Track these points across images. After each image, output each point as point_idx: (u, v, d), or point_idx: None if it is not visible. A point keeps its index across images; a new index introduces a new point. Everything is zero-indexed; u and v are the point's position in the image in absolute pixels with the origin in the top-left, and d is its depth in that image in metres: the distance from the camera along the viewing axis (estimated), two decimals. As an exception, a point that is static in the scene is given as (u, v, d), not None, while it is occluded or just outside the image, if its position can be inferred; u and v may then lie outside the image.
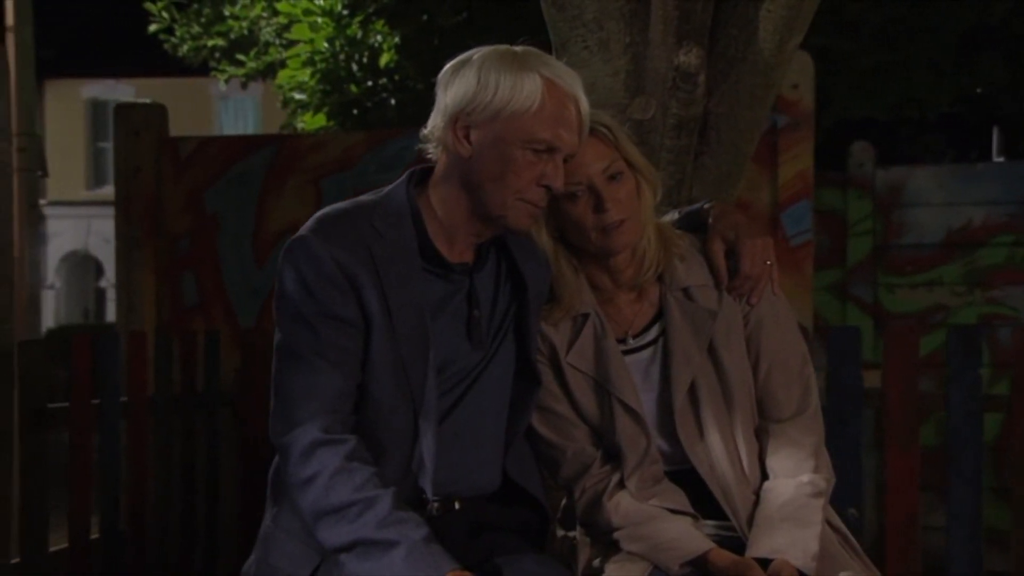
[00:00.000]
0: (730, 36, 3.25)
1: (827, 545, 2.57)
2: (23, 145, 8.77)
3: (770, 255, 2.67)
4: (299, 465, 2.32)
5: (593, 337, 2.62)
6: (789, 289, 4.93)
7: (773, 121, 5.08)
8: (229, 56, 9.99)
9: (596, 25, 3.16)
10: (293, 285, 2.39)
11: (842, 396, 4.03)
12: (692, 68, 3.12)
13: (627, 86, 3.18)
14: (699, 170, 3.28)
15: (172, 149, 5.48)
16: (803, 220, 5.05)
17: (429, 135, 2.48)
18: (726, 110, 3.27)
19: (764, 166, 5.09)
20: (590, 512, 2.62)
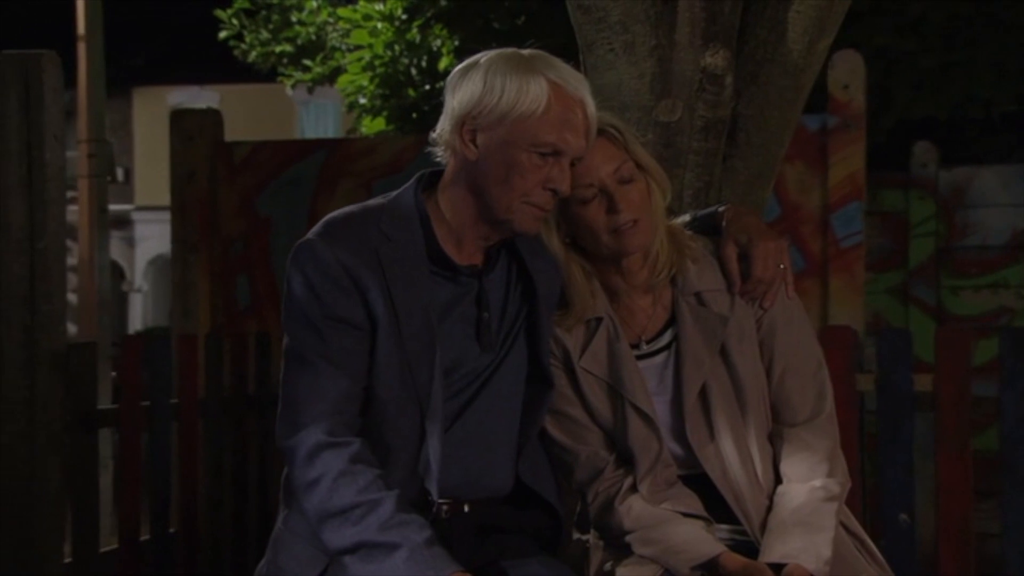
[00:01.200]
0: (759, 37, 3.24)
1: (842, 550, 2.55)
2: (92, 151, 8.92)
3: (783, 258, 2.65)
4: (303, 468, 2.34)
5: (606, 341, 2.62)
6: (839, 291, 4.92)
7: (823, 122, 5.05)
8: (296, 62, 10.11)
9: (621, 27, 3.16)
10: (299, 288, 2.41)
11: (893, 400, 3.99)
12: (719, 70, 3.11)
13: (653, 88, 3.17)
14: (728, 172, 3.27)
15: (226, 154, 5.55)
16: (853, 222, 5.02)
17: (438, 139, 2.50)
18: (755, 112, 3.26)
19: (814, 168, 5.07)
20: (603, 516, 2.62)
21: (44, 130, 4.31)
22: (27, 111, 4.31)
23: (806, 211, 5.06)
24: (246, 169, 5.54)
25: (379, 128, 8.63)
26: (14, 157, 4.29)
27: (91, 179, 8.81)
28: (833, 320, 4.90)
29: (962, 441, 3.90)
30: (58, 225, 4.37)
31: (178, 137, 5.44)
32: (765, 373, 2.65)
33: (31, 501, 4.22)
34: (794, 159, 5.08)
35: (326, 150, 5.61)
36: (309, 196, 5.47)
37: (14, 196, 4.29)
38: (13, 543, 4.22)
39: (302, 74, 10.07)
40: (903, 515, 3.99)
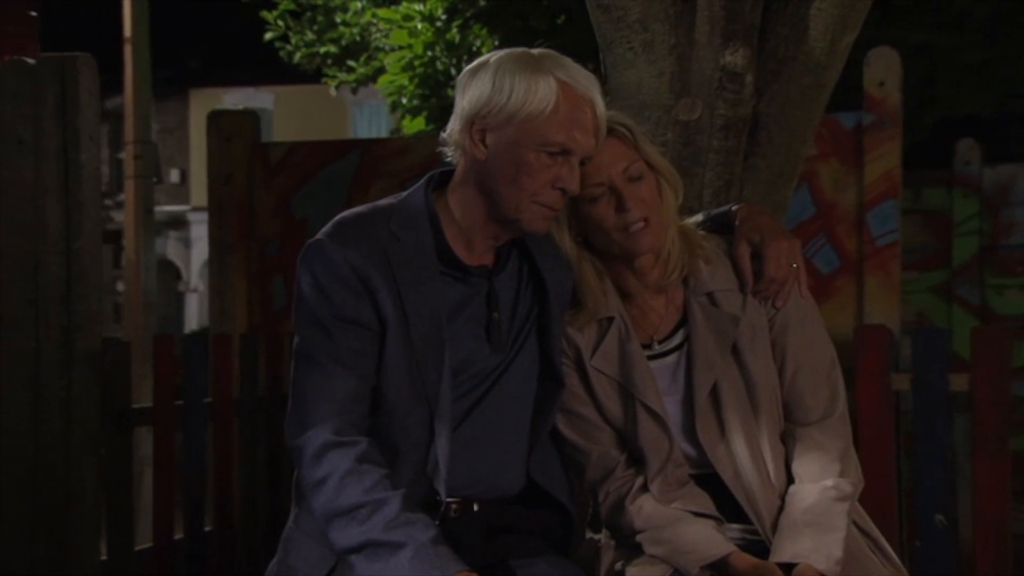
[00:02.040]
0: (780, 35, 3.22)
1: (854, 550, 2.54)
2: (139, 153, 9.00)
3: (796, 257, 2.64)
4: (311, 467, 2.35)
5: (618, 340, 2.62)
6: (875, 290, 4.88)
7: (859, 120, 5.01)
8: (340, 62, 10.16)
9: (640, 26, 3.16)
10: (309, 289, 2.43)
11: (928, 400, 3.97)
12: (739, 68, 3.10)
13: (672, 87, 3.17)
14: (750, 171, 3.26)
15: (263, 155, 5.58)
16: (889, 220, 4.98)
17: (448, 139, 2.51)
18: (777, 110, 3.24)
19: (849, 166, 5.03)
20: (613, 515, 2.62)
21: (80, 132, 4.37)
22: (63, 113, 4.37)
23: (841, 209, 5.02)
24: (282, 170, 5.57)
25: (419, 128, 8.65)
26: (51, 159, 4.34)
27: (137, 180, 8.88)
28: (869, 319, 4.86)
29: (1000, 442, 3.87)
30: (93, 226, 4.41)
31: (215, 138, 5.48)
32: (778, 373, 2.64)
33: (68, 499, 4.27)
34: (829, 157, 5.05)
35: (360, 150, 5.63)
36: (344, 196, 5.49)
37: (51, 197, 4.34)
38: (50, 541, 4.27)
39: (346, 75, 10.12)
40: (939, 516, 3.97)
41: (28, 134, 4.37)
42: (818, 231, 5.05)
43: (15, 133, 4.39)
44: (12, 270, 4.37)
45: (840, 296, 5.00)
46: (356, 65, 9.99)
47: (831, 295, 4.98)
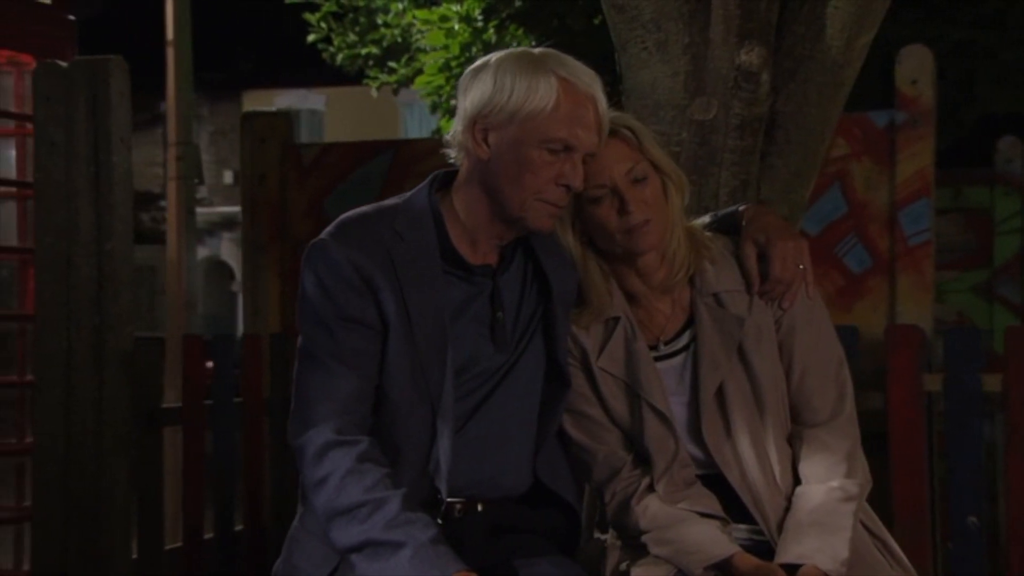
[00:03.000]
0: (797, 34, 3.21)
1: (862, 551, 2.53)
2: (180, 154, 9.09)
3: (803, 258, 2.63)
4: (312, 466, 2.37)
5: (624, 340, 2.62)
6: (907, 290, 4.85)
7: (891, 119, 4.98)
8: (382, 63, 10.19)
9: (654, 26, 3.16)
10: (312, 288, 2.44)
11: (961, 401, 3.93)
12: (754, 67, 3.10)
13: (687, 87, 3.17)
14: (767, 171, 3.25)
15: (295, 156, 5.61)
16: (922, 219, 4.93)
17: (451, 140, 2.52)
18: (794, 109, 3.23)
19: (882, 164, 4.99)
20: (619, 515, 2.62)
21: (111, 134, 4.41)
22: (95, 115, 4.41)
23: (873, 208, 4.98)
24: (315, 171, 5.59)
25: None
26: (82, 161, 4.39)
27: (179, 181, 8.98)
28: (901, 319, 4.82)
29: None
30: (124, 227, 4.45)
31: (249, 140, 5.52)
32: (785, 374, 2.63)
33: (99, 498, 4.31)
34: (861, 156, 5.02)
35: (392, 151, 5.64)
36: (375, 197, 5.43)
37: (82, 199, 4.39)
38: (82, 539, 4.32)
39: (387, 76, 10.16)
40: (972, 517, 3.93)
41: (60, 136, 4.42)
42: (850, 230, 5.01)
43: (48, 135, 4.44)
44: (45, 271, 4.43)
45: (872, 296, 4.96)
46: (397, 66, 10.02)
47: (863, 295, 4.95)
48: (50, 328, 4.41)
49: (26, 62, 5.42)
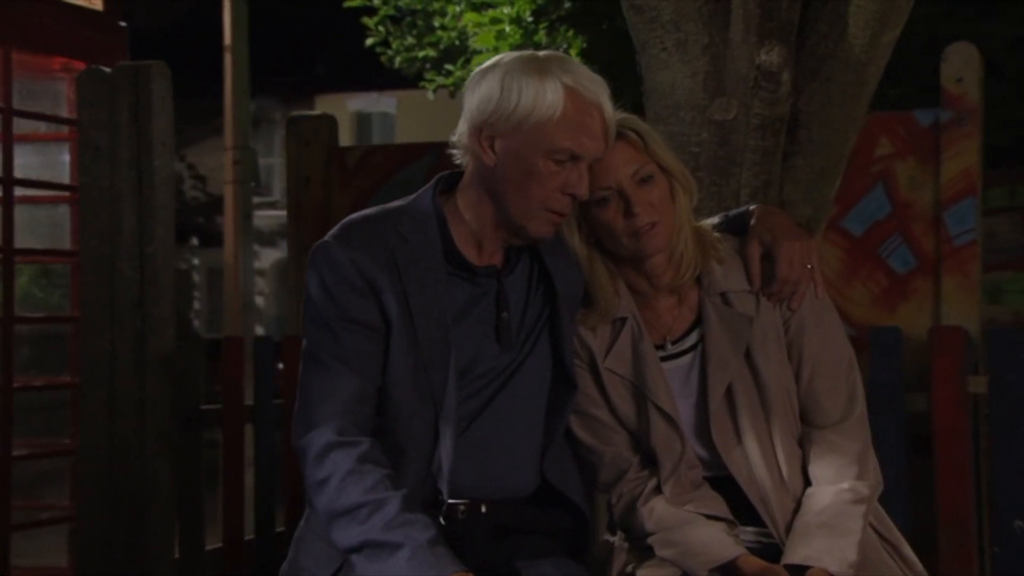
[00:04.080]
0: (819, 33, 3.19)
1: (870, 553, 2.51)
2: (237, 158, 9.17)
3: (810, 257, 2.60)
4: (314, 467, 2.38)
5: (631, 341, 2.61)
6: (952, 291, 4.78)
7: (935, 117, 4.91)
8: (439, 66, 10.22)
9: (673, 26, 3.15)
10: (315, 290, 2.46)
11: (1006, 403, 3.89)
12: (775, 67, 3.08)
13: (707, 87, 3.15)
14: (790, 171, 3.23)
15: (340, 158, 5.63)
16: (967, 219, 4.85)
17: (457, 142, 2.53)
18: (817, 109, 3.21)
19: (926, 164, 4.92)
20: (626, 517, 2.61)
21: (153, 138, 4.47)
22: (137, 120, 4.47)
23: (918, 208, 4.91)
24: (359, 173, 5.60)
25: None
26: (126, 165, 4.45)
27: (235, 185, 9.08)
28: (946, 320, 4.76)
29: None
30: (166, 231, 4.51)
31: (294, 143, 5.54)
32: (794, 375, 2.62)
33: (142, 498, 4.37)
34: (906, 155, 4.95)
35: (435, 153, 5.63)
36: (419, 200, 5.51)
37: (125, 203, 4.45)
38: (126, 539, 4.37)
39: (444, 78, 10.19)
40: (1018, 522, 3.89)
41: (104, 141, 4.48)
42: (894, 230, 4.94)
43: (92, 140, 4.51)
44: (89, 274, 4.49)
45: (917, 297, 4.89)
46: (454, 69, 10.05)
47: (908, 296, 4.88)
48: (94, 330, 4.47)
49: (79, 68, 5.49)
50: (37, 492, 6.04)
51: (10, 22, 5.22)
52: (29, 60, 5.50)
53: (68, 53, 5.60)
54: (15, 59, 5.27)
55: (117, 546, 4.39)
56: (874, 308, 4.87)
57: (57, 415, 5.87)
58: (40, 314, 5.95)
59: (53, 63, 5.72)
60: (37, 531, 5.71)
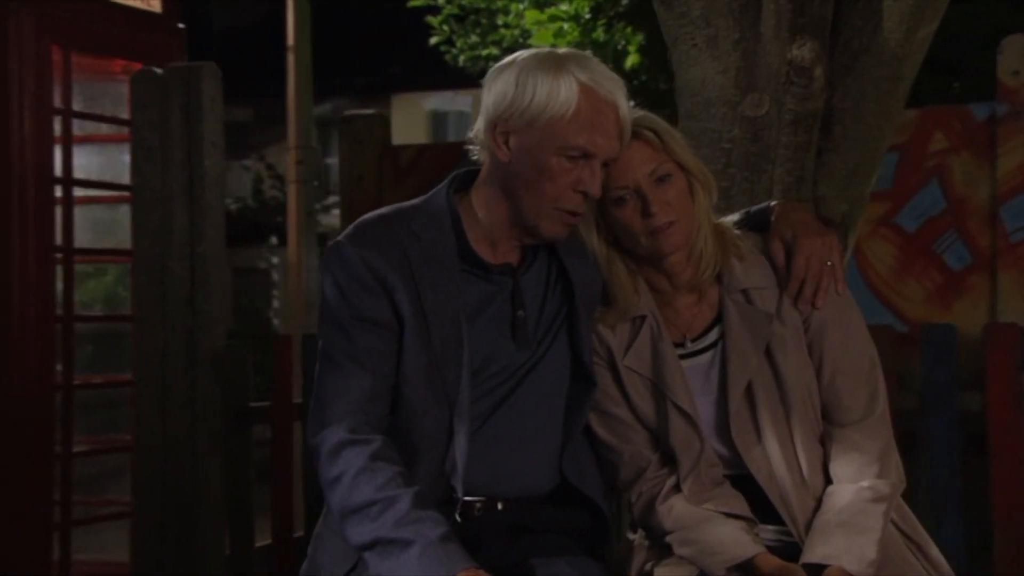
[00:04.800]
0: (854, 27, 3.16)
1: (893, 553, 2.48)
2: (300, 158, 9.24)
3: (831, 254, 2.58)
4: (327, 465, 2.40)
5: (650, 339, 2.60)
6: (1009, 287, 4.71)
7: (992, 111, 4.84)
8: (501, 64, 10.16)
9: (704, 22, 3.13)
10: (329, 290, 2.48)
11: (1063, 401, 3.83)
12: (806, 62, 3.05)
13: (738, 83, 3.14)
14: (824, 167, 3.20)
15: (393, 157, 5.65)
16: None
17: (475, 137, 2.53)
18: (851, 104, 3.18)
19: (982, 158, 4.84)
20: (645, 515, 2.60)
21: (203, 138, 4.51)
22: (188, 121, 4.52)
23: (973, 204, 4.83)
24: (412, 172, 5.61)
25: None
26: (176, 165, 4.50)
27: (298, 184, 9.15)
28: (1003, 318, 4.68)
29: None
30: (216, 230, 4.56)
31: (347, 142, 5.57)
32: (816, 373, 2.59)
33: (194, 495, 4.42)
34: (960, 150, 4.87)
35: (478, 152, 5.66)
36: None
37: (176, 202, 4.51)
38: (179, 535, 4.43)
39: (506, 77, 10.14)
40: None
41: (156, 141, 4.53)
42: (949, 226, 4.87)
43: (144, 141, 4.57)
44: (142, 273, 4.55)
45: (972, 294, 4.82)
46: (518, 67, 9.95)
47: (963, 293, 4.81)
48: (147, 328, 4.54)
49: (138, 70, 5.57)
50: (100, 488, 6.13)
51: (69, 26, 5.29)
52: (89, 63, 5.58)
53: (127, 55, 5.68)
54: (75, 62, 5.35)
55: (170, 542, 4.45)
56: (928, 305, 4.81)
57: (119, 412, 5.96)
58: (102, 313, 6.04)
59: (113, 65, 5.80)
60: (100, 526, 5.79)
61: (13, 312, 5.08)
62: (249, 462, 4.56)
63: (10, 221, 5.08)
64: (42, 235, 5.16)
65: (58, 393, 5.25)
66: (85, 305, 5.92)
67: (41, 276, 5.16)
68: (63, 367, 5.24)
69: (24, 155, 5.11)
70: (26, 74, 5.13)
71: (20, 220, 5.10)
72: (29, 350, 5.11)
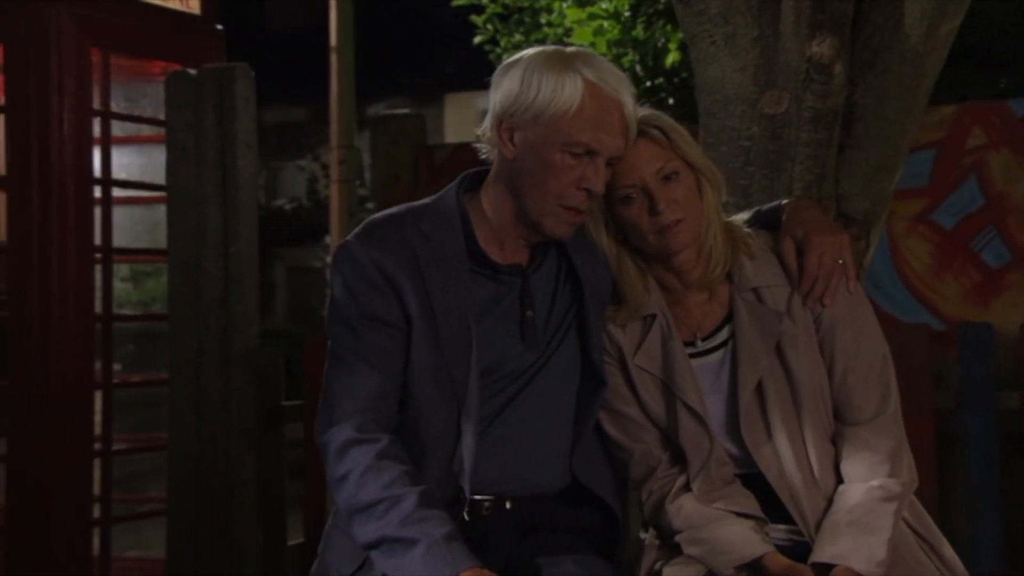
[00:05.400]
0: (875, 24, 3.13)
1: (904, 553, 2.47)
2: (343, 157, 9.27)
3: (843, 253, 2.56)
4: (334, 464, 2.41)
5: (660, 338, 2.59)
6: (1050, 289, 4.66)
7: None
8: (546, 63, 10.14)
9: (722, 19, 3.11)
10: (338, 289, 2.48)
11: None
12: (826, 59, 3.03)
13: (757, 80, 3.11)
14: (846, 164, 3.17)
15: (428, 156, 5.67)
16: (1065, 211, 4.74)
17: (483, 136, 2.53)
18: (873, 101, 3.15)
19: (1021, 155, 4.81)
20: (655, 514, 2.60)
21: (236, 138, 4.54)
22: (222, 121, 4.55)
23: (1013, 200, 4.80)
24: (447, 171, 5.62)
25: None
26: (210, 165, 4.53)
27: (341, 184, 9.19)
28: (1042, 315, 4.65)
29: None
30: (249, 230, 4.57)
31: (382, 141, 5.60)
32: (827, 372, 2.58)
33: (229, 493, 4.44)
34: (1000, 146, 4.84)
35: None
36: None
37: (210, 203, 4.53)
38: (213, 533, 4.46)
39: (550, 75, 10.13)
40: None
41: (190, 142, 4.56)
42: (987, 223, 4.85)
43: (179, 141, 4.60)
44: (177, 273, 4.58)
45: (1011, 292, 4.79)
46: (561, 65, 9.93)
47: (1001, 291, 4.78)
48: (182, 328, 4.56)
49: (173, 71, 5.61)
50: (142, 486, 6.19)
51: (108, 28, 5.33)
52: (129, 64, 5.61)
53: (166, 57, 5.70)
54: (114, 63, 5.38)
55: (204, 540, 4.47)
56: (966, 303, 4.78)
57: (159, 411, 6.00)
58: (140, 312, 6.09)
59: (153, 67, 5.83)
60: (140, 523, 5.84)
61: (53, 312, 5.12)
62: (282, 461, 4.58)
63: (50, 222, 5.11)
64: (81, 235, 5.19)
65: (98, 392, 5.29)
66: (144, 304, 5.97)
67: (80, 276, 5.20)
68: (102, 366, 5.28)
69: (64, 156, 5.14)
70: (66, 76, 5.16)
71: (60, 220, 5.13)
72: (69, 349, 5.15)
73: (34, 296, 5.05)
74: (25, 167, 5.05)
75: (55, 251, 5.12)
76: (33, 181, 5.05)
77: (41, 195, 5.11)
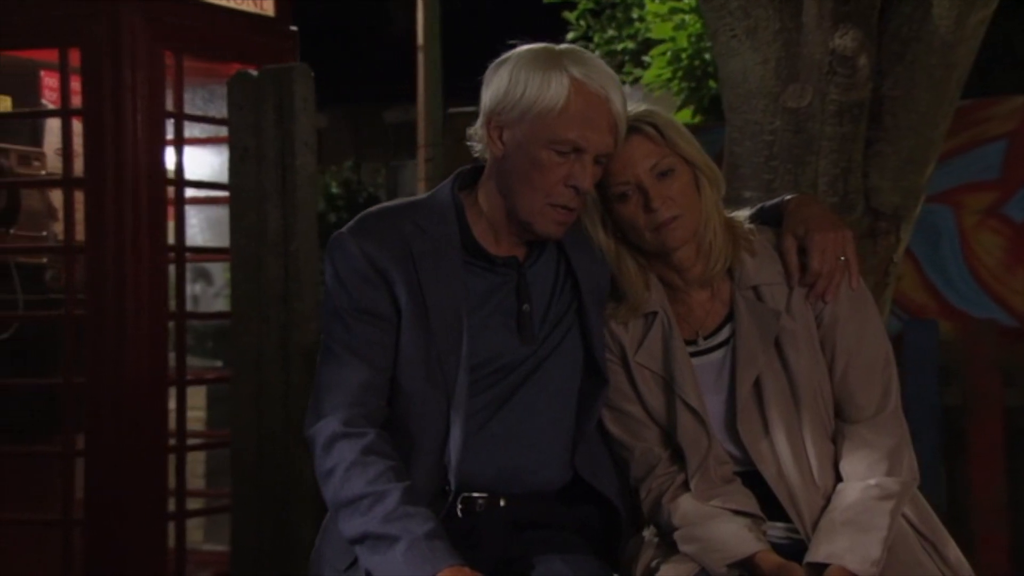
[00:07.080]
0: (903, 15, 3.08)
1: (903, 552, 2.42)
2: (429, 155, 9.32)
3: (845, 249, 2.51)
4: (321, 458, 2.41)
5: (661, 336, 2.57)
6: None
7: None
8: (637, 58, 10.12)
9: (743, 13, 3.07)
10: (330, 281, 2.50)
11: None
12: (849, 51, 2.98)
13: (779, 74, 3.07)
14: (875, 158, 3.12)
15: (495, 154, 5.67)
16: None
17: (473, 134, 2.53)
18: (902, 93, 3.09)
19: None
20: (654, 512, 2.57)
21: (295, 138, 4.58)
22: (281, 121, 4.60)
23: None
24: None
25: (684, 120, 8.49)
26: (271, 165, 4.58)
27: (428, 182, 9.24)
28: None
29: None
30: (309, 228, 4.62)
31: (450, 138, 5.60)
32: (828, 368, 2.54)
33: (289, 489, 4.49)
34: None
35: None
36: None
37: (270, 202, 4.58)
38: (274, 528, 4.51)
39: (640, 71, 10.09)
40: None
41: (251, 142, 4.62)
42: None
43: (241, 142, 4.65)
44: (239, 271, 4.64)
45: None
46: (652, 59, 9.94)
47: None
48: (243, 325, 4.61)
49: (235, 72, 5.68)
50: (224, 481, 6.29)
51: (181, 31, 5.42)
52: (202, 66, 5.70)
53: (240, 59, 5.76)
54: (188, 66, 5.47)
55: (266, 536, 4.52)
56: (1038, 299, 4.65)
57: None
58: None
59: (228, 68, 5.91)
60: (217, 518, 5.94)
61: (128, 309, 5.22)
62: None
63: (124, 221, 5.21)
64: (155, 234, 5.29)
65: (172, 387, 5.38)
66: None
67: (154, 274, 5.30)
68: (176, 362, 5.37)
69: (138, 158, 5.23)
70: (139, 79, 5.25)
71: (134, 220, 5.23)
72: (143, 346, 5.25)
73: (109, 294, 5.15)
74: (101, 168, 5.13)
75: (129, 250, 5.22)
76: (108, 182, 5.14)
77: (116, 195, 5.20)
